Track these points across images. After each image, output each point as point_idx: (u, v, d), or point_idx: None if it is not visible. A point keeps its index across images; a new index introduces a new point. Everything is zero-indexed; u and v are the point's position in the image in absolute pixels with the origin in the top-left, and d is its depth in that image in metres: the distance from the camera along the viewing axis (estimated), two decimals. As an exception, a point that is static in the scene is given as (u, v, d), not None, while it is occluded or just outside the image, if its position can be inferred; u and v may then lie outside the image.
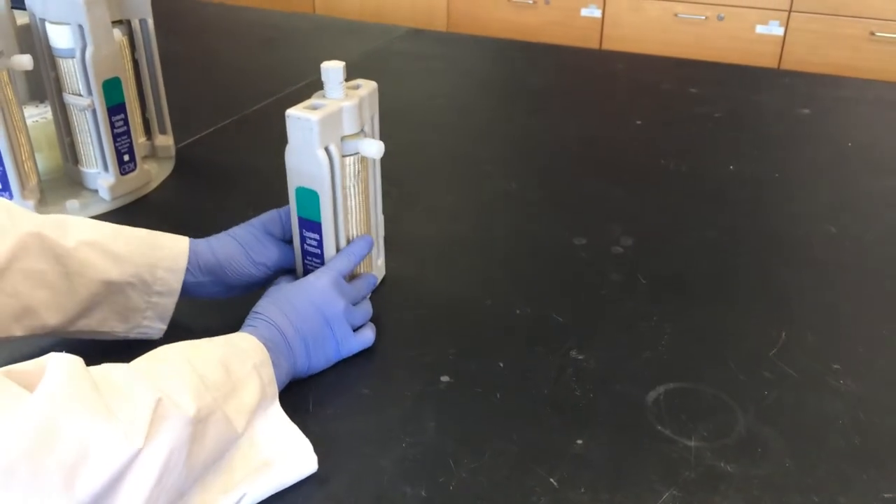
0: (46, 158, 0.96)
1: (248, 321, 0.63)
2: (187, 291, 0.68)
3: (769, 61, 2.52)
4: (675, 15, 2.61)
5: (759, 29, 2.51)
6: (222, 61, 1.49)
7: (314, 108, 0.63)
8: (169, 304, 0.67)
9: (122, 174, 0.91)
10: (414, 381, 0.65)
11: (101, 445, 0.43)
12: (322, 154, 0.63)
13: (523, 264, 0.83)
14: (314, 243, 0.67)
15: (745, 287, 0.79)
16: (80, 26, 0.83)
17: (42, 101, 1.01)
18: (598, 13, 2.89)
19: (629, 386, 0.65)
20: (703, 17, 2.56)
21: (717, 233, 0.89)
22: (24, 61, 0.83)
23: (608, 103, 1.30)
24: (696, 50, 2.60)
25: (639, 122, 1.20)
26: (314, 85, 1.34)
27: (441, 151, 1.11)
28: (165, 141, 1.02)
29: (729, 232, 0.89)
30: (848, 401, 0.63)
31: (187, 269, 0.67)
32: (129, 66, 0.96)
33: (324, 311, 0.64)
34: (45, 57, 0.87)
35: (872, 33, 2.35)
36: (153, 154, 1.02)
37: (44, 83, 0.90)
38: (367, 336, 0.68)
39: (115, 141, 0.89)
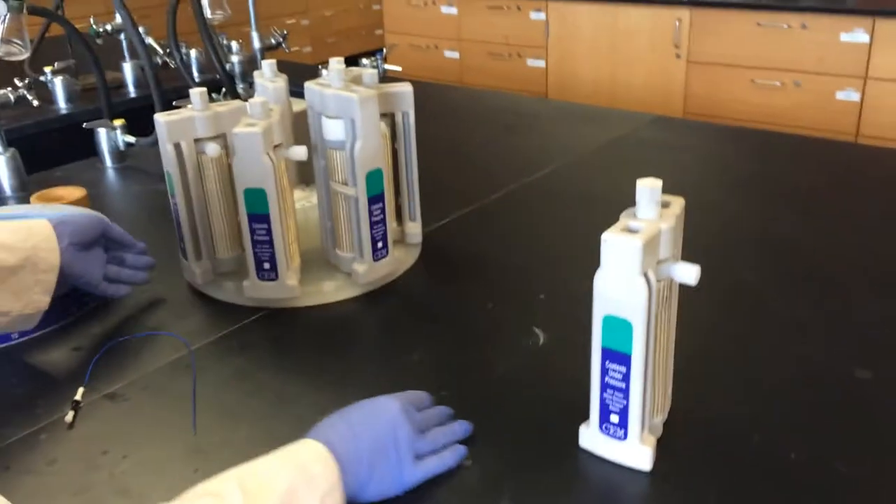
0: (305, 240, 1.02)
1: (320, 427, 0.63)
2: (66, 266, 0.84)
3: None
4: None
5: None
6: (464, 146, 1.53)
7: (631, 230, 0.59)
8: (52, 279, 0.83)
9: (374, 260, 0.94)
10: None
11: None
12: (641, 281, 0.59)
13: (796, 397, 0.74)
14: (619, 377, 0.63)
15: None
16: (353, 121, 0.87)
17: (307, 185, 1.08)
18: (856, 97, 2.67)
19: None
20: None
21: None
22: (300, 152, 0.89)
23: (891, 209, 1.15)
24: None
25: (926, 232, 1.05)
26: (553, 175, 1.33)
27: (690, 253, 1.04)
28: (414, 228, 1.04)
29: None
30: None
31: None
32: (388, 155, 0.99)
33: (394, 433, 0.63)
34: (319, 147, 0.93)
35: None
36: (402, 240, 1.04)
37: (309, 169, 0.96)
38: (431, 465, 0.64)
39: (371, 228, 0.92)
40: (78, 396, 0.76)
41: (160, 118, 0.89)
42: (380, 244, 0.94)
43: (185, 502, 0.52)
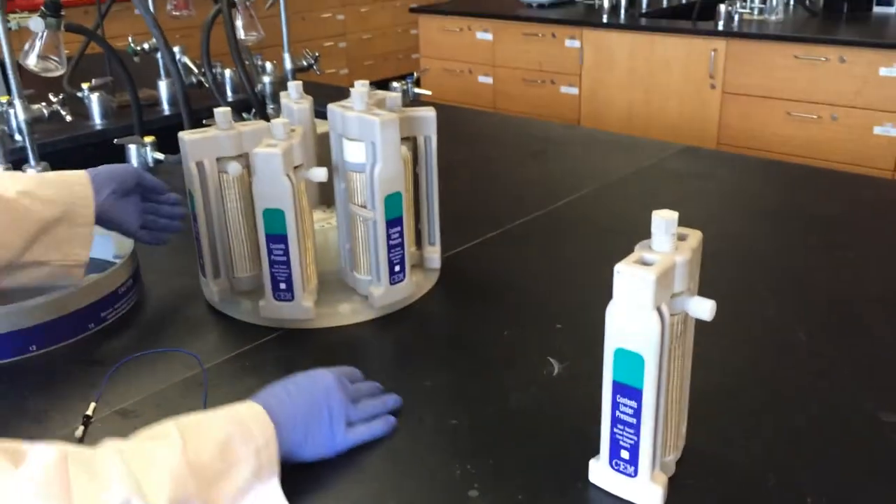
0: (323, 261, 1.02)
1: (260, 393, 0.68)
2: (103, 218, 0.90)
3: None
4: None
5: None
6: (492, 171, 1.52)
7: (645, 262, 0.58)
8: (88, 232, 0.87)
9: (391, 283, 0.93)
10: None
11: None
12: (654, 315, 0.58)
13: (815, 438, 0.71)
14: (630, 412, 0.61)
15: None
16: (374, 144, 0.87)
17: (329, 206, 1.08)
18: (894, 132, 2.62)
19: None
20: None
21: None
22: (320, 174, 0.89)
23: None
24: None
25: (960, 272, 1.02)
26: (580, 202, 1.32)
27: (713, 287, 1.02)
28: (433, 252, 1.04)
29: None
30: None
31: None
32: (409, 179, 0.99)
33: (327, 400, 0.68)
34: (340, 169, 0.93)
35: None
36: (420, 264, 1.04)
37: (331, 190, 0.96)
38: (362, 432, 0.70)
39: (389, 252, 0.92)
40: (89, 411, 0.77)
41: (184, 136, 0.90)
42: (397, 268, 0.93)
43: (135, 441, 0.57)
